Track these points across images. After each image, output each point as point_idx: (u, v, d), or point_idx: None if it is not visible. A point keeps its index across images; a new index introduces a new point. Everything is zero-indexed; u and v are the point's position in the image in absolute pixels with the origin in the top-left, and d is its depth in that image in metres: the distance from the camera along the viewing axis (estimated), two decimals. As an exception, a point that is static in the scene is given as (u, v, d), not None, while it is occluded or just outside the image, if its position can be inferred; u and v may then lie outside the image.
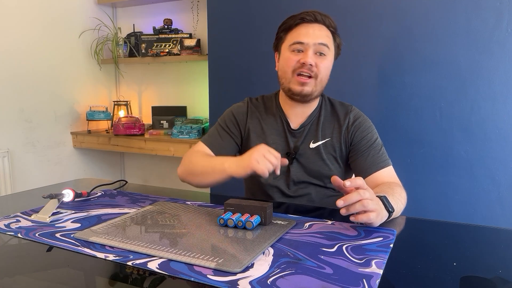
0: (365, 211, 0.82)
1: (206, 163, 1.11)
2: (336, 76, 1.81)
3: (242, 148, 1.27)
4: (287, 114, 1.22)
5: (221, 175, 1.06)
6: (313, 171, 1.18)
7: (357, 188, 0.83)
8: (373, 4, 1.72)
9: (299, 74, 1.11)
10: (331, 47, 1.14)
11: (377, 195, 0.90)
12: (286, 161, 1.05)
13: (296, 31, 1.13)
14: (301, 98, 1.15)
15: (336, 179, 0.85)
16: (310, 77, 1.11)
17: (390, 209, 0.90)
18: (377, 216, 0.84)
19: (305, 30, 1.11)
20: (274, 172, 1.20)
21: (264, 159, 0.97)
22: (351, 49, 1.77)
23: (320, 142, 1.18)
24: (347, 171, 1.24)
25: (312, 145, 1.18)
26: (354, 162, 1.17)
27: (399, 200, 0.97)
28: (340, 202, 0.80)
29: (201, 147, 1.23)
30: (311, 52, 1.10)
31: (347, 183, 0.82)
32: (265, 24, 1.91)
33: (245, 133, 1.25)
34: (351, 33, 1.77)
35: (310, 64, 1.09)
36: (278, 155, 1.01)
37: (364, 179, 1.07)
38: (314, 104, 1.21)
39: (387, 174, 1.13)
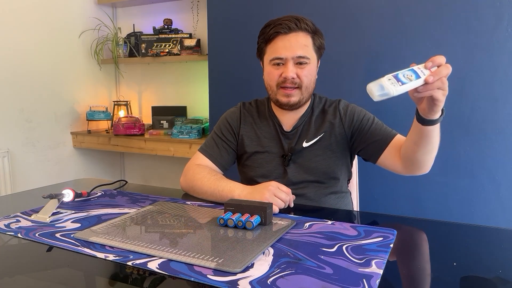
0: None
1: (213, 186, 1.12)
2: (335, 76, 1.81)
3: (238, 153, 1.28)
4: (279, 117, 1.24)
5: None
6: (310, 168, 1.19)
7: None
8: (373, 3, 1.72)
9: (283, 87, 1.14)
10: (311, 53, 1.14)
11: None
12: (294, 197, 1.08)
13: (274, 45, 1.13)
14: (290, 108, 1.18)
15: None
16: (294, 88, 1.14)
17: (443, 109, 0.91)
18: (444, 96, 0.84)
19: (282, 44, 1.12)
20: (273, 173, 1.20)
21: (275, 198, 1.01)
22: (351, 48, 1.77)
23: (314, 140, 1.20)
24: (348, 162, 1.25)
25: (305, 144, 1.20)
26: (365, 144, 1.18)
27: None
28: (430, 78, 0.80)
29: (202, 159, 1.25)
30: (291, 65, 1.12)
31: (429, 64, 0.81)
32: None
33: (239, 138, 1.26)
34: (351, 33, 1.77)
35: (292, 77, 1.12)
36: (288, 190, 1.05)
37: (383, 153, 1.15)
38: (305, 105, 1.23)
39: (401, 139, 1.14)
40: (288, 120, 1.23)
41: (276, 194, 1.01)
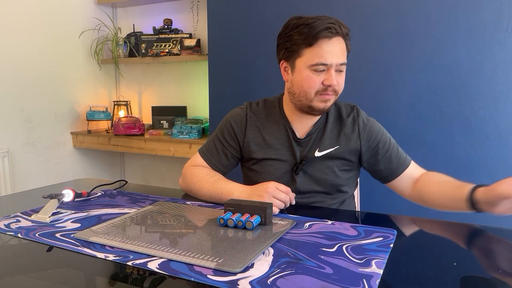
0: None
1: (212, 188, 1.10)
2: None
3: (243, 157, 1.24)
4: (292, 122, 1.17)
5: None
6: (320, 179, 1.15)
7: None
8: (373, 3, 1.72)
9: (322, 94, 1.08)
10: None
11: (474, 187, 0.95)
12: (294, 194, 1.07)
13: (318, 49, 1.04)
14: (320, 113, 1.13)
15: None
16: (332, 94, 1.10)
17: None
18: None
19: (327, 48, 1.04)
20: (281, 181, 1.14)
21: (274, 200, 0.99)
22: (351, 48, 1.77)
23: (327, 151, 1.14)
24: (358, 174, 1.23)
25: (317, 153, 1.13)
26: (376, 167, 1.16)
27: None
28: None
29: (200, 162, 1.22)
30: (333, 72, 1.06)
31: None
32: (265, 24, 1.91)
33: (243, 145, 1.20)
34: (351, 33, 1.77)
35: (335, 85, 1.07)
36: (287, 189, 1.03)
37: (393, 179, 1.16)
38: None
39: (415, 168, 1.16)
40: (303, 126, 1.16)
41: (274, 195, 0.99)
